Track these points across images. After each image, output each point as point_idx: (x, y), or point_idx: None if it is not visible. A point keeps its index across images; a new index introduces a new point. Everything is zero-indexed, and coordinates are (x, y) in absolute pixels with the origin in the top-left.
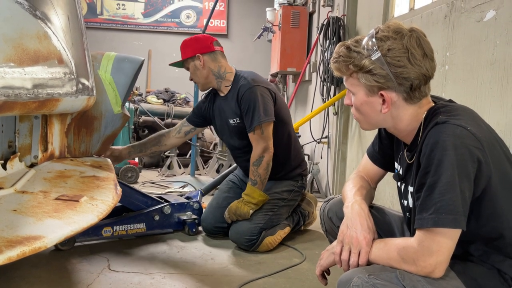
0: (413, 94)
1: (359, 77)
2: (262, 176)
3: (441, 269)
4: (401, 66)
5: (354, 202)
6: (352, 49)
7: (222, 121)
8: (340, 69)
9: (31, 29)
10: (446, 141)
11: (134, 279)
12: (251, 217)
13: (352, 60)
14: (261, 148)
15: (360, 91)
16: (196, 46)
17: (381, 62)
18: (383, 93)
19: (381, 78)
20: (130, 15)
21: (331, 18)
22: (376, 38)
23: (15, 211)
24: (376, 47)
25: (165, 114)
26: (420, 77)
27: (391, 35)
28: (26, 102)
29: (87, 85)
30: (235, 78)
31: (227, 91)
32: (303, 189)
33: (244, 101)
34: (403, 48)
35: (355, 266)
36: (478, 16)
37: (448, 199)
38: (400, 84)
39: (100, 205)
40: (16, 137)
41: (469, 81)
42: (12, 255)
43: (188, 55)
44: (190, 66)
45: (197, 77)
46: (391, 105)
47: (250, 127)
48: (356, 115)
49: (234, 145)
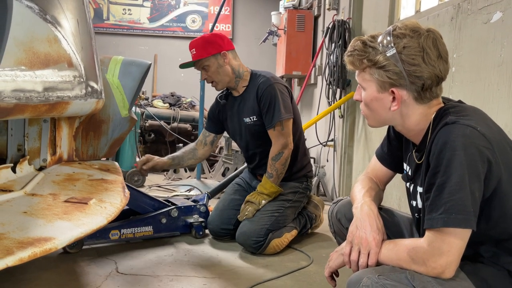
0: (424, 94)
1: (372, 72)
2: (279, 170)
3: (451, 269)
4: (415, 64)
5: (363, 203)
6: (367, 44)
7: (236, 122)
8: (354, 63)
9: (41, 33)
10: (455, 141)
11: (142, 281)
12: (257, 219)
13: (366, 55)
14: (281, 144)
15: (371, 86)
16: (221, 43)
17: (395, 59)
18: (394, 90)
19: (394, 75)
20: (136, 20)
21: (336, 21)
22: (393, 35)
23: (25, 213)
24: (392, 44)
25: (171, 118)
26: (433, 78)
27: (408, 33)
28: (37, 105)
29: (96, 88)
30: (251, 77)
31: (242, 90)
32: (308, 191)
33: (265, 97)
34: (419, 47)
35: (364, 267)
36: (485, 18)
37: (458, 198)
38: (412, 83)
39: (109, 208)
40: (26, 140)
41: (477, 83)
42: (23, 256)
43: (212, 52)
44: (211, 64)
45: (219, 76)
46: (401, 103)
47: (271, 123)
48: (364, 111)
49: (247, 146)
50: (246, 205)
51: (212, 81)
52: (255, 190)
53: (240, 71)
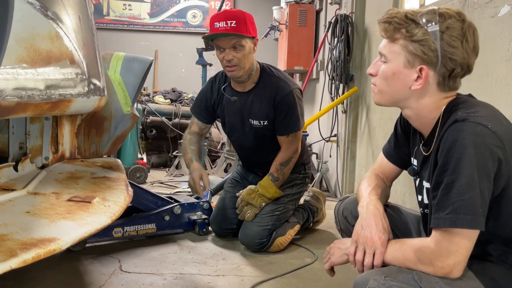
0: (448, 81)
1: (405, 44)
2: (285, 175)
3: (459, 269)
4: (454, 47)
5: (369, 201)
6: (408, 16)
7: (238, 120)
8: (388, 30)
9: (43, 29)
10: (465, 140)
11: (146, 280)
12: (259, 220)
13: (406, 25)
14: (293, 151)
15: (398, 59)
16: (255, 29)
17: (435, 36)
18: (424, 67)
19: (429, 51)
20: (136, 16)
21: (339, 15)
22: (439, 13)
23: (28, 213)
24: (436, 21)
25: (173, 114)
26: (464, 65)
27: (454, 14)
28: (39, 103)
29: (99, 85)
30: (262, 73)
31: (251, 87)
32: (306, 178)
33: (283, 106)
34: (462, 32)
35: (370, 267)
36: (492, 12)
37: (467, 198)
38: (443, 65)
39: (113, 206)
40: (27, 138)
41: (484, 77)
42: (27, 258)
43: (252, 34)
44: (246, 46)
45: (247, 62)
46: (424, 84)
47: (286, 132)
48: (379, 85)
49: (245, 144)
50: (245, 207)
51: (235, 64)
52: (255, 187)
53: (254, 64)
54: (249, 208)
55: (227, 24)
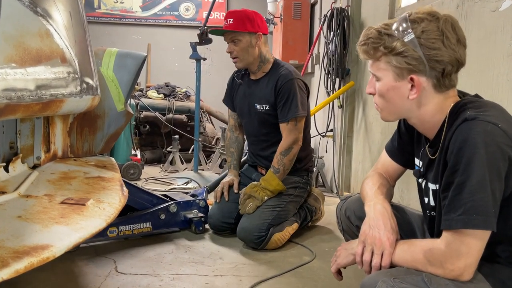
0: (443, 81)
1: (388, 60)
2: (286, 166)
3: (470, 271)
4: (435, 48)
5: (376, 201)
6: (382, 31)
7: (246, 104)
8: (368, 52)
9: (32, 26)
10: (476, 139)
11: (143, 281)
12: (259, 214)
13: (382, 42)
14: (292, 139)
15: (388, 75)
16: (260, 23)
17: (414, 44)
18: (414, 77)
19: (413, 60)
20: (128, 9)
21: (335, 9)
22: (410, 20)
23: (20, 218)
24: (410, 29)
25: (166, 109)
26: (453, 62)
27: (426, 17)
28: (29, 104)
29: (92, 84)
30: (273, 65)
31: (261, 76)
32: (308, 186)
33: (283, 91)
34: (438, 31)
35: (378, 267)
36: (493, 6)
37: (479, 199)
38: (432, 68)
39: (108, 208)
40: (18, 138)
41: (485, 73)
42: (19, 268)
43: (249, 29)
44: (243, 40)
45: (245, 54)
46: (420, 91)
47: (285, 118)
48: (379, 103)
49: (251, 131)
50: (248, 200)
51: (236, 56)
52: (258, 183)
53: (265, 57)
54: (251, 200)
55: (227, 22)
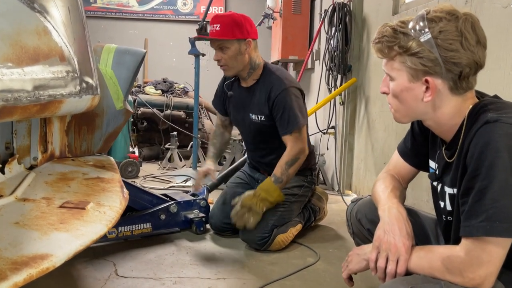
0: (461, 83)
1: (403, 60)
2: (290, 176)
3: (491, 280)
4: (453, 50)
5: (391, 205)
6: (398, 30)
7: (240, 113)
8: (382, 50)
9: (29, 24)
10: (499, 142)
11: (144, 285)
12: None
13: (397, 41)
14: (298, 150)
15: (402, 76)
16: (249, 29)
17: (430, 44)
18: (429, 78)
19: (428, 62)
20: (125, 3)
21: (336, 4)
22: (427, 19)
23: (17, 224)
24: (427, 29)
25: (164, 105)
26: (472, 65)
27: (444, 16)
28: (27, 106)
29: (91, 83)
30: (264, 71)
31: (252, 83)
32: (313, 185)
33: (278, 104)
34: (457, 31)
35: (393, 274)
36: (504, 2)
37: (502, 206)
38: (448, 70)
39: (108, 212)
40: (14, 138)
41: (496, 71)
42: (18, 280)
43: (237, 36)
44: (232, 48)
45: (234, 62)
46: (435, 94)
47: (287, 130)
48: (393, 104)
49: (249, 139)
50: (247, 213)
51: (224, 64)
52: (256, 192)
53: (256, 63)
54: (252, 215)
55: (214, 27)
